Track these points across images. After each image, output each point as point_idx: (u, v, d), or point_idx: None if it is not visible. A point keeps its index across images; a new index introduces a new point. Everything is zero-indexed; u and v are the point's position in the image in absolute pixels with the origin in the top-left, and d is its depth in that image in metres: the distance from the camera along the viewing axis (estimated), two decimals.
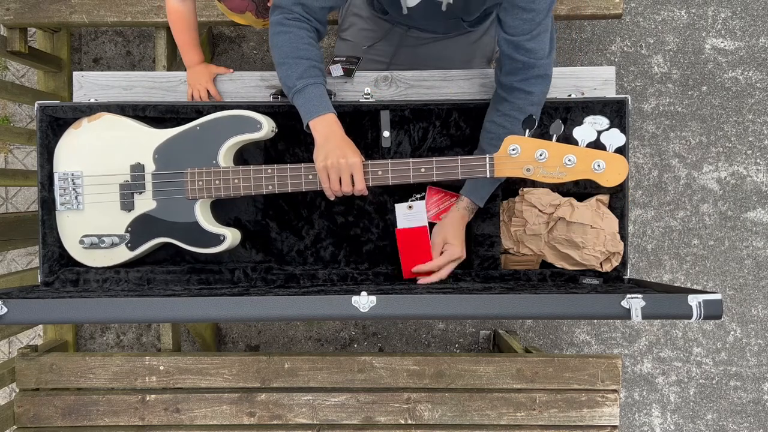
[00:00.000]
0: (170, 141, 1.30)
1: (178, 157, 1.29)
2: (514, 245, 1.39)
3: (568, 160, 1.07)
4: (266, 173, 1.23)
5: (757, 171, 2.39)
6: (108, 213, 1.32)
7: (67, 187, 1.33)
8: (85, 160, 1.33)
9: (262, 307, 1.05)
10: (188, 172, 1.27)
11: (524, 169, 1.09)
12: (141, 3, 1.96)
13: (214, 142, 1.27)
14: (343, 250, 1.42)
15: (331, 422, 1.70)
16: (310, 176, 1.22)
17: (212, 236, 1.30)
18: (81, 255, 1.35)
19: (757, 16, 2.39)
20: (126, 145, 1.32)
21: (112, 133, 1.33)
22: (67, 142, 1.35)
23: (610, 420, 1.69)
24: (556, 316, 1.05)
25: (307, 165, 1.22)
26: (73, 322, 1.10)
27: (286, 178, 1.23)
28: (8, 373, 1.80)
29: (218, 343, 2.46)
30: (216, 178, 1.26)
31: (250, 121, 1.27)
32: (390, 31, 1.58)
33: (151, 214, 1.31)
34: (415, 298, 1.05)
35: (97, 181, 1.33)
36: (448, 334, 2.46)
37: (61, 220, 1.35)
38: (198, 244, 1.30)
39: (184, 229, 1.30)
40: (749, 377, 2.40)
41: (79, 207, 1.33)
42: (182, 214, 1.30)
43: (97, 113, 1.34)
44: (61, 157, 1.34)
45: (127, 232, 1.32)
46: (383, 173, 1.18)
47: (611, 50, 2.42)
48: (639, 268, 2.41)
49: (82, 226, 1.33)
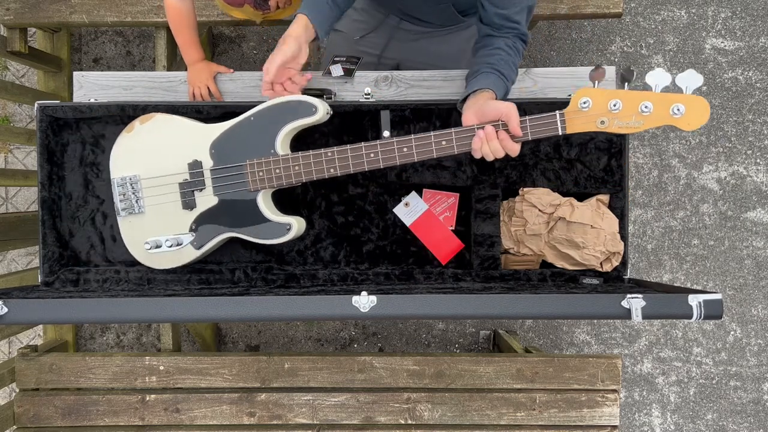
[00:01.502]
0: (225, 134, 1.27)
1: (235, 150, 1.26)
2: (514, 245, 1.39)
3: (644, 107, 1.02)
4: (326, 156, 1.20)
5: (757, 171, 2.39)
6: (170, 214, 1.30)
7: (126, 192, 1.31)
8: (142, 162, 1.31)
9: (263, 307, 1.05)
10: (247, 164, 1.24)
11: (598, 122, 1.05)
12: (141, 3, 1.96)
13: (270, 131, 1.24)
14: (343, 250, 1.42)
15: (331, 422, 1.70)
16: (372, 155, 1.18)
17: (278, 226, 1.26)
18: (147, 259, 1.33)
19: (757, 16, 2.39)
20: (181, 143, 1.29)
21: (165, 133, 1.30)
22: (121, 147, 1.33)
23: (610, 420, 1.69)
24: (556, 316, 1.05)
25: (368, 144, 1.18)
26: (73, 322, 1.10)
27: (347, 159, 1.20)
28: (8, 373, 1.80)
29: (218, 343, 2.47)
30: (276, 166, 1.23)
31: (305, 105, 1.23)
32: (382, 22, 1.58)
33: (214, 210, 1.28)
34: (416, 298, 1.05)
35: (156, 182, 1.30)
36: (448, 334, 2.46)
37: (124, 225, 1.33)
38: (264, 236, 1.27)
39: (248, 222, 1.27)
40: (749, 377, 2.40)
41: (140, 211, 1.31)
42: (245, 208, 1.27)
43: (148, 114, 1.32)
44: (117, 163, 1.32)
45: (192, 231, 1.29)
46: (447, 143, 1.13)
47: (611, 50, 2.42)
48: (639, 268, 2.41)
49: (145, 229, 1.32)
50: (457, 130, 1.12)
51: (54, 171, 1.38)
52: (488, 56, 1.23)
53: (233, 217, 1.28)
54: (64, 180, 1.40)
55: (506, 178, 1.38)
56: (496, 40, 1.24)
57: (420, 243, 1.41)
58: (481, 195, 1.38)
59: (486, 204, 1.37)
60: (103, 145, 1.40)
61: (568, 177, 1.38)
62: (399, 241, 1.42)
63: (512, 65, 1.24)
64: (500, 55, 1.23)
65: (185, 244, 1.30)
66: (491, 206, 1.37)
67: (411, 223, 1.40)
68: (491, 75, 1.20)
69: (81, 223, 1.40)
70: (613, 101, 1.03)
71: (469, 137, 1.11)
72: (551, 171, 1.38)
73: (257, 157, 1.24)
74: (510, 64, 1.23)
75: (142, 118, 1.32)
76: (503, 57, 1.23)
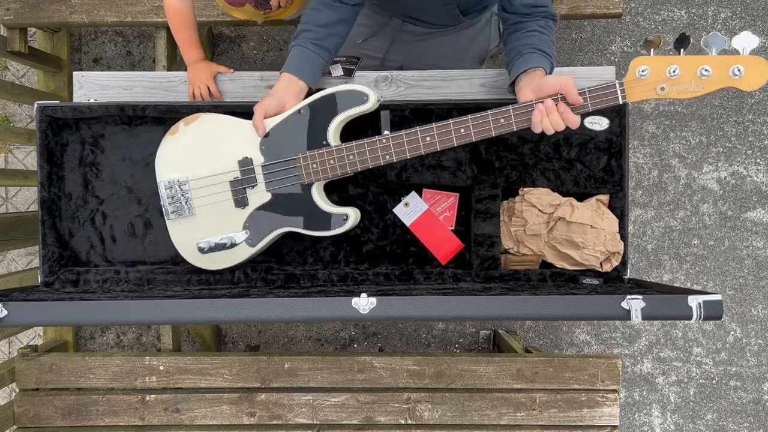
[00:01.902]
0: (275, 130, 1.25)
1: (285, 145, 1.25)
2: (514, 245, 1.39)
3: (703, 71, 1.02)
4: (381, 143, 1.19)
5: (757, 171, 2.39)
6: (222, 213, 1.28)
7: (175, 195, 1.30)
8: (189, 164, 1.30)
9: (262, 308, 1.05)
10: (300, 157, 1.23)
11: (657, 89, 1.05)
12: (141, 3, 1.96)
13: (322, 123, 1.23)
14: (343, 250, 1.42)
15: (331, 422, 1.71)
16: (428, 138, 1.17)
17: (335, 217, 1.25)
18: (200, 261, 1.32)
19: (757, 16, 2.39)
20: (229, 141, 1.28)
21: (212, 132, 1.29)
22: (166, 149, 1.31)
23: (610, 420, 1.69)
24: (555, 318, 1.05)
25: (423, 127, 1.17)
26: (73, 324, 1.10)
27: (402, 144, 1.18)
28: (8, 373, 1.80)
29: (218, 343, 2.47)
30: (330, 157, 1.22)
31: (355, 94, 1.22)
32: (384, 26, 1.58)
33: (267, 206, 1.27)
34: (415, 299, 1.05)
35: (205, 183, 1.29)
36: (448, 334, 2.46)
37: (174, 229, 1.32)
38: (320, 228, 1.26)
39: (304, 215, 1.26)
40: (749, 377, 2.40)
41: (190, 213, 1.30)
42: (300, 201, 1.26)
43: (192, 114, 1.31)
44: (163, 166, 1.31)
45: (245, 229, 1.28)
46: (506, 121, 1.12)
47: (611, 50, 2.42)
48: (639, 268, 2.41)
49: (196, 231, 1.30)
50: (515, 107, 1.11)
51: (54, 171, 1.38)
52: (525, 38, 1.24)
53: (287, 211, 1.26)
54: (64, 180, 1.40)
55: (506, 178, 1.38)
56: (528, 24, 1.26)
57: (420, 243, 1.41)
58: (481, 195, 1.38)
59: (486, 204, 1.37)
60: (103, 145, 1.40)
61: (568, 177, 1.38)
62: (399, 241, 1.42)
63: (550, 43, 1.25)
64: (537, 35, 1.24)
65: (240, 243, 1.28)
66: (491, 206, 1.37)
67: (411, 223, 1.40)
68: (535, 54, 1.21)
69: (81, 224, 1.40)
70: (671, 67, 1.03)
71: (527, 113, 1.11)
72: (551, 171, 1.38)
73: (309, 149, 1.24)
74: (548, 42, 1.24)
75: (186, 119, 1.30)
76: (541, 37, 1.24)
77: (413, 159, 1.39)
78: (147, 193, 1.40)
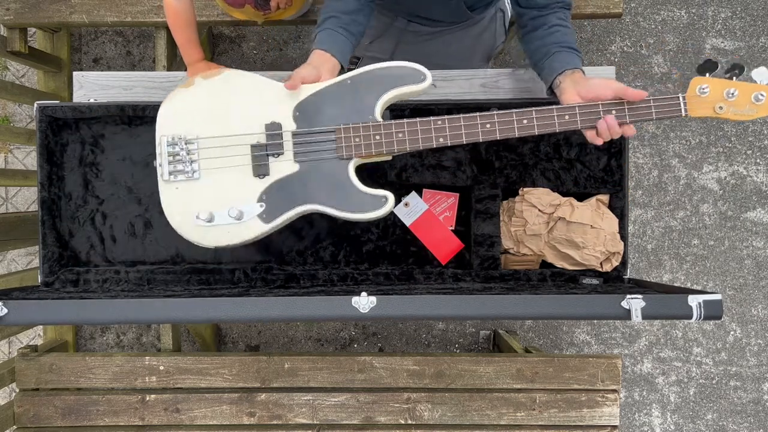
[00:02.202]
0: (314, 97, 1.14)
1: (323, 114, 1.13)
2: (514, 245, 1.39)
3: (758, 96, 1.08)
4: (436, 125, 1.11)
5: (757, 171, 2.39)
6: (234, 181, 1.13)
7: (178, 153, 1.13)
8: (201, 121, 1.14)
9: (262, 308, 1.05)
10: (342, 128, 1.11)
11: (716, 107, 1.10)
12: (141, 3, 1.96)
13: (370, 96, 1.12)
14: (343, 250, 1.42)
15: (331, 422, 1.71)
16: (488, 125, 1.10)
17: (372, 199, 1.11)
18: (196, 233, 1.13)
19: (757, 16, 2.39)
20: (256, 102, 1.14)
21: (236, 90, 1.14)
22: (175, 102, 1.16)
23: (610, 420, 1.69)
24: (555, 317, 1.05)
25: (483, 114, 1.11)
26: (73, 323, 1.10)
27: (459, 128, 1.11)
28: (8, 373, 1.80)
29: (218, 343, 2.47)
30: (376, 132, 1.11)
31: (411, 71, 1.13)
32: (389, 26, 1.58)
33: (293, 179, 1.12)
34: (415, 298, 1.05)
35: (219, 143, 1.13)
36: (448, 334, 2.46)
37: (168, 192, 1.14)
38: (354, 209, 1.11)
39: (335, 193, 1.12)
40: (749, 377, 2.40)
41: (194, 176, 1.13)
42: (332, 177, 1.12)
43: (216, 68, 1.17)
44: (167, 119, 1.15)
45: (261, 202, 1.12)
46: (571, 117, 1.11)
47: (611, 50, 2.42)
48: (639, 268, 2.41)
49: (197, 198, 1.13)
50: (581, 105, 1.11)
51: (54, 171, 1.38)
52: (549, 35, 1.23)
53: (316, 188, 1.12)
54: (64, 180, 1.40)
55: (506, 178, 1.38)
56: (548, 18, 1.24)
57: (420, 243, 1.41)
58: (481, 195, 1.38)
59: (486, 204, 1.37)
60: (103, 145, 1.40)
61: (568, 177, 1.38)
62: (399, 241, 1.42)
63: (573, 34, 1.24)
64: (561, 30, 1.23)
65: (251, 217, 1.12)
66: (491, 206, 1.37)
67: (411, 223, 1.40)
68: (566, 53, 1.20)
69: (81, 224, 1.40)
70: (729, 89, 1.09)
71: (592, 113, 1.11)
72: (551, 171, 1.38)
73: (351, 122, 1.12)
74: (572, 34, 1.24)
75: (206, 73, 1.16)
76: (565, 31, 1.23)
77: (413, 159, 1.39)
78: (147, 193, 1.40)
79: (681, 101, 1.10)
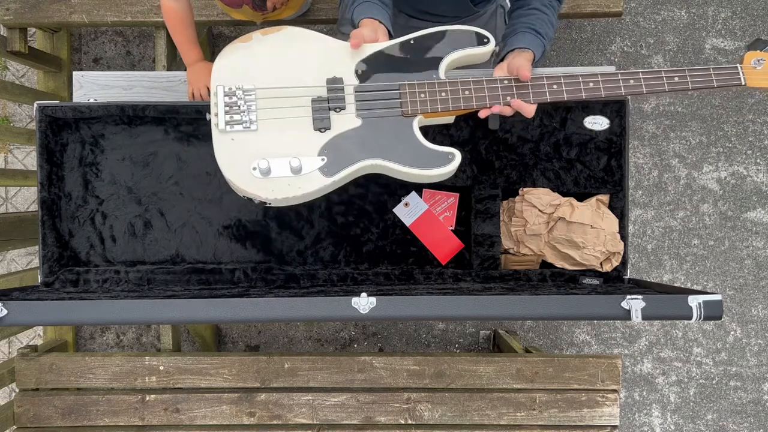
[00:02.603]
0: (378, 54, 1.14)
1: (387, 71, 1.13)
2: (514, 245, 1.39)
3: None
4: (503, 84, 1.12)
5: (757, 171, 2.39)
6: (294, 133, 1.10)
7: (235, 103, 1.11)
8: (260, 73, 1.12)
9: (262, 308, 1.05)
10: (407, 84, 1.11)
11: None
12: (141, 3, 1.96)
13: (433, 56, 1.14)
14: (343, 250, 1.42)
15: (331, 422, 1.70)
16: (554, 86, 1.11)
17: (437, 155, 1.10)
18: (254, 185, 1.09)
19: (757, 16, 2.39)
20: (317, 57, 1.13)
21: (296, 45, 1.14)
22: (232, 55, 1.14)
23: (610, 420, 1.69)
24: (555, 317, 1.05)
25: (550, 75, 1.12)
26: (73, 323, 1.10)
27: (526, 87, 1.11)
28: (8, 373, 1.80)
29: (218, 343, 2.46)
30: (442, 89, 1.11)
31: (476, 36, 1.14)
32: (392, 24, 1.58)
33: (355, 133, 1.11)
34: (415, 299, 1.05)
35: (280, 94, 1.11)
36: (448, 334, 2.46)
37: (223, 144, 1.10)
38: (420, 164, 1.09)
39: (400, 147, 1.10)
40: (749, 377, 2.40)
41: (251, 127, 1.10)
42: (397, 132, 1.11)
43: (273, 27, 1.17)
44: (223, 70, 1.13)
45: (322, 156, 1.10)
46: (636, 81, 1.11)
47: (611, 50, 2.42)
48: (639, 268, 2.41)
49: (254, 149, 1.10)
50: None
51: (54, 171, 1.38)
52: (524, 16, 1.25)
53: (380, 142, 1.10)
54: (64, 180, 1.40)
55: (506, 178, 1.38)
56: (532, 1, 1.26)
57: (420, 243, 1.41)
58: (481, 195, 1.38)
59: (486, 204, 1.37)
60: (103, 145, 1.40)
61: (568, 177, 1.38)
62: (399, 241, 1.42)
63: (549, 23, 1.25)
64: (536, 14, 1.24)
65: (312, 170, 1.09)
66: (491, 206, 1.37)
67: (411, 223, 1.40)
68: (528, 34, 1.21)
69: (80, 224, 1.40)
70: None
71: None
72: (551, 171, 1.38)
73: (417, 80, 1.13)
74: (546, 22, 1.25)
75: (265, 30, 1.15)
76: (539, 16, 1.24)
77: None
78: (147, 193, 1.40)
79: (740, 71, 1.12)
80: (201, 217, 1.41)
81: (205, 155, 1.40)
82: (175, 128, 1.39)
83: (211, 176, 1.40)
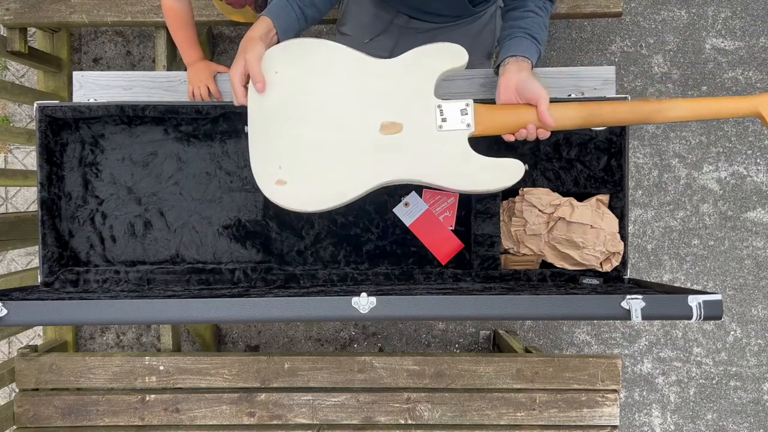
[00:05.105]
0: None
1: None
2: (514, 245, 1.39)
3: None
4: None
5: (757, 171, 2.39)
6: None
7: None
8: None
9: (262, 308, 1.05)
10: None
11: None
12: (141, 3, 1.96)
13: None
14: (343, 250, 1.42)
15: (331, 422, 1.70)
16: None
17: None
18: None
19: (757, 16, 2.39)
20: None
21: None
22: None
23: (610, 420, 1.69)
24: (556, 318, 1.05)
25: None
26: (73, 323, 1.10)
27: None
28: (8, 373, 1.80)
29: (218, 343, 2.46)
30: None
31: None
32: (390, 24, 1.58)
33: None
34: (415, 299, 1.05)
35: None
36: (448, 334, 2.46)
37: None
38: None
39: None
40: (749, 377, 2.40)
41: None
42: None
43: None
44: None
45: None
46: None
47: (611, 50, 2.42)
48: (639, 268, 2.41)
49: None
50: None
51: (53, 171, 1.38)
52: (520, 19, 1.25)
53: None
54: (64, 180, 1.40)
55: None
56: (527, 2, 1.26)
57: (420, 243, 1.41)
58: (481, 195, 1.38)
59: (486, 204, 1.37)
60: (103, 145, 1.40)
61: (568, 177, 1.38)
62: (399, 241, 1.42)
63: (543, 26, 1.26)
64: (532, 17, 1.24)
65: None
66: (491, 206, 1.37)
67: (411, 223, 1.40)
68: (524, 40, 1.22)
69: (80, 223, 1.40)
70: None
71: None
72: (551, 171, 1.38)
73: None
74: (542, 25, 1.25)
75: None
76: (535, 19, 1.24)
77: None
78: (147, 193, 1.40)
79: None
80: (201, 217, 1.41)
81: (205, 155, 1.40)
82: (175, 128, 1.39)
83: (211, 176, 1.41)
